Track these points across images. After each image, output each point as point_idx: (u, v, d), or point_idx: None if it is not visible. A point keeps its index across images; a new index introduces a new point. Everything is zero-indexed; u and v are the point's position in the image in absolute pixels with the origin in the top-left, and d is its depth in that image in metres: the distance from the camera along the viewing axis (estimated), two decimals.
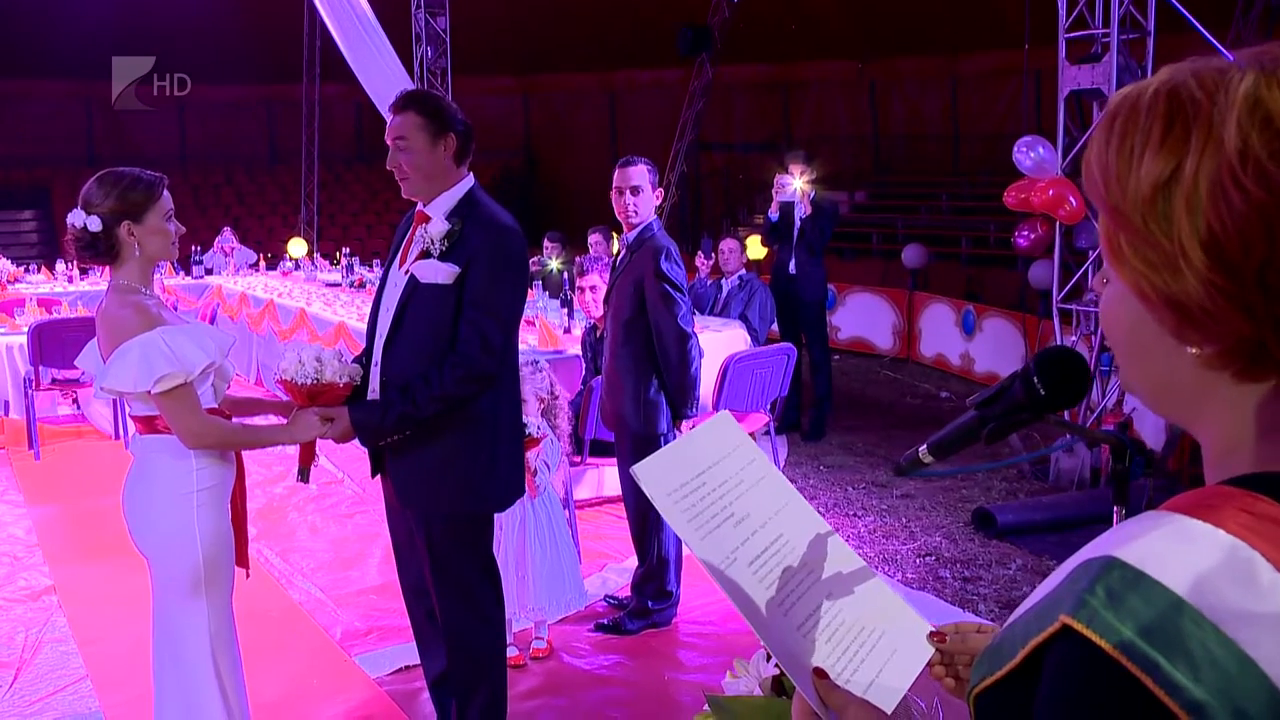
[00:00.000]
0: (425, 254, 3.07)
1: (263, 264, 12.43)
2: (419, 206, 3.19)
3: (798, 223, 7.82)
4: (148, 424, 2.84)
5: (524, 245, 3.16)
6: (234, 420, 2.98)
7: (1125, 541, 0.76)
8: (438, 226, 3.07)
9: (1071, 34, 6.66)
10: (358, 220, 19.55)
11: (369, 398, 3.13)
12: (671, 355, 4.38)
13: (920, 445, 1.33)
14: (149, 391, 2.71)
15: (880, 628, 1.36)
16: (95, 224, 2.77)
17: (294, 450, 3.09)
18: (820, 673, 1.23)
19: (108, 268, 2.91)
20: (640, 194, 4.48)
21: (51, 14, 15.98)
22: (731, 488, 1.40)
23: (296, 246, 12.91)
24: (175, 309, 3.22)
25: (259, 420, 3.17)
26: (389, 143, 3.16)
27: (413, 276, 3.07)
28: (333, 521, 6.02)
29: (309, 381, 2.91)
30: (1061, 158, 6.71)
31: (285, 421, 3.03)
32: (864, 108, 18.46)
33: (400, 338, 3.08)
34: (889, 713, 1.21)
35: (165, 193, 2.87)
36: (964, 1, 14.67)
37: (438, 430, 3.05)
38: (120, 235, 2.80)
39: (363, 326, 7.48)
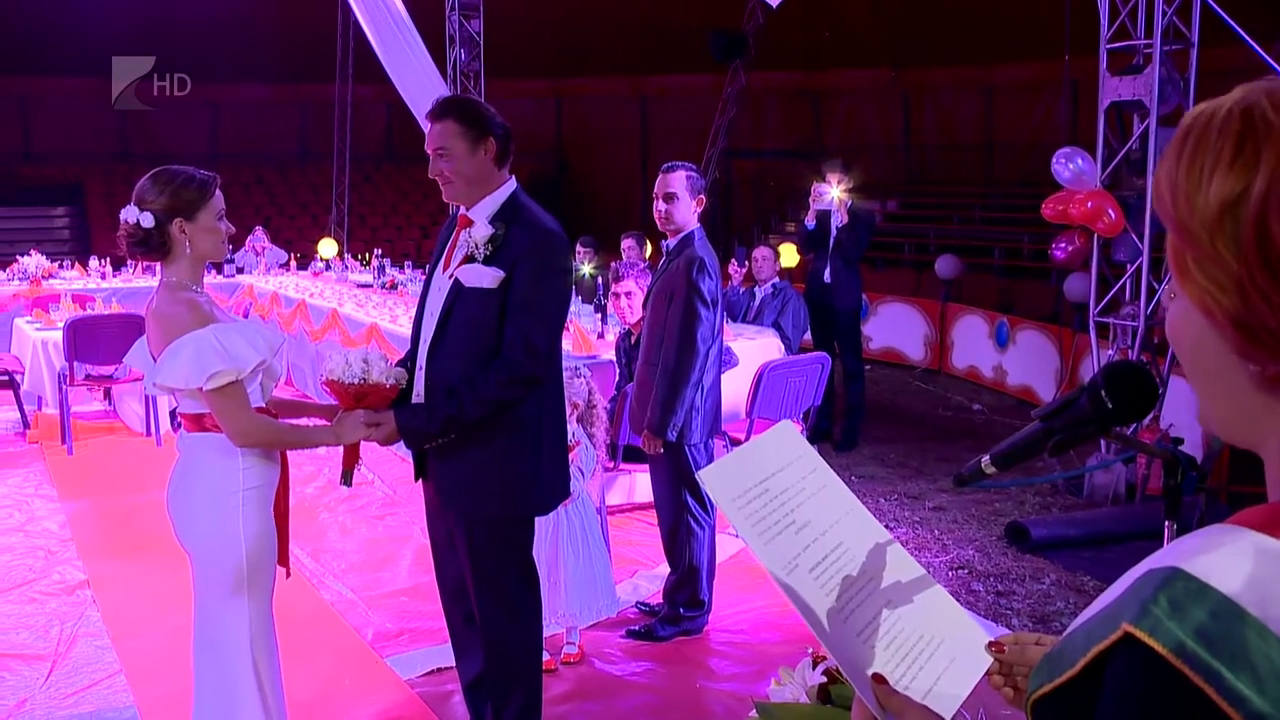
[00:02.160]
0: (469, 258, 3.09)
1: (293, 264, 12.53)
2: (462, 210, 3.22)
3: (834, 231, 7.83)
4: (196, 421, 2.88)
5: (568, 248, 3.19)
6: (281, 420, 3.01)
7: (1190, 554, 0.77)
8: (481, 231, 3.09)
9: (1113, 45, 6.64)
10: (388, 222, 19.65)
11: (413, 401, 3.16)
12: (669, 362, 4.36)
13: (983, 456, 1.35)
14: (200, 388, 2.75)
15: (939, 636, 1.38)
16: (148, 220, 2.82)
17: (326, 451, 3.13)
18: (879, 678, 1.25)
19: (157, 265, 2.96)
20: (674, 201, 4.47)
21: (84, 12, 16.18)
22: (793, 495, 1.43)
23: (327, 247, 13.01)
24: None
25: (304, 422, 3.20)
26: (429, 152, 3.18)
27: (457, 281, 3.10)
28: (364, 522, 6.06)
29: (355, 382, 2.94)
30: (1101, 170, 6.69)
31: (330, 423, 3.07)
32: (896, 116, 18.43)
33: (445, 342, 3.10)
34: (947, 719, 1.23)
35: (218, 192, 2.91)
36: (1000, 11, 14.62)
37: (482, 434, 3.08)
38: (172, 232, 2.85)
39: (395, 328, 7.61)
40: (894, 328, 11.83)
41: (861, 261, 8.33)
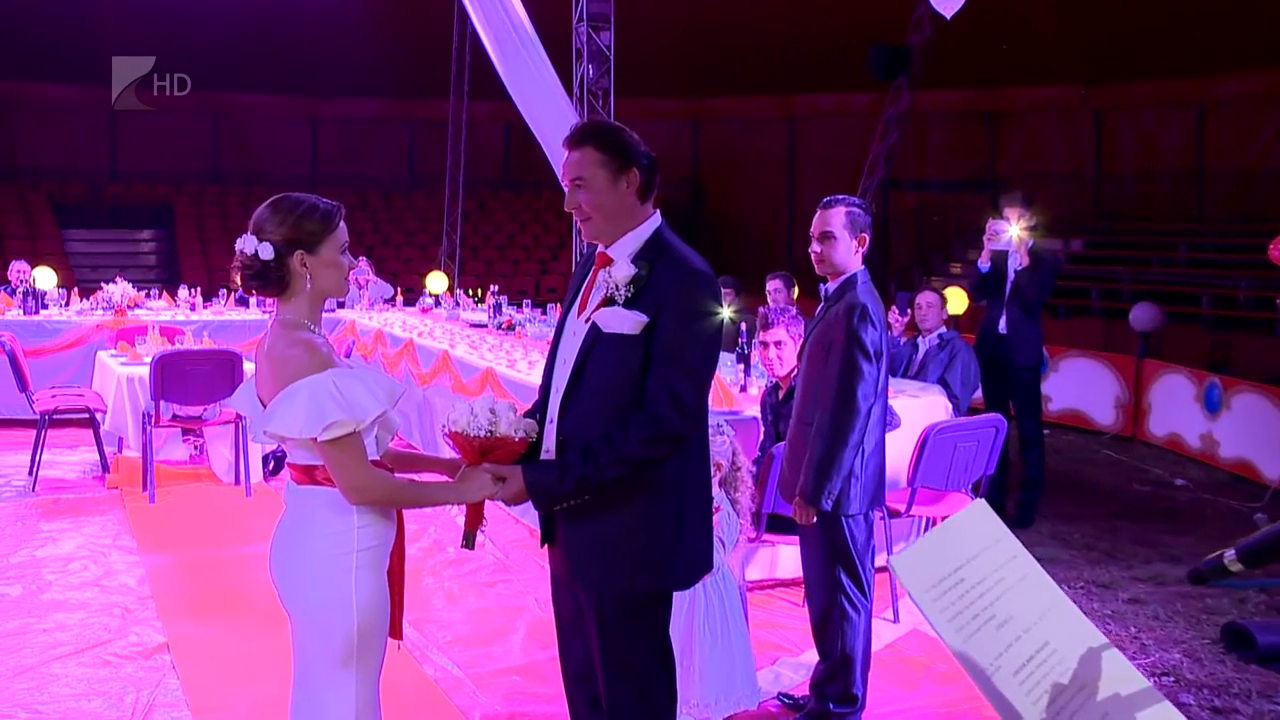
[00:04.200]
0: (609, 301, 3.13)
1: (399, 299, 12.85)
2: (600, 248, 3.27)
3: (1011, 275, 7.74)
4: (307, 474, 2.95)
5: (719, 292, 3.21)
6: (397, 475, 3.08)
7: None
8: (622, 271, 3.13)
9: None
10: (503, 255, 19.91)
11: (543, 457, 3.20)
12: (825, 421, 4.34)
13: (1226, 550, 1.32)
14: (315, 439, 2.82)
15: None
16: (267, 251, 2.91)
17: (433, 510, 3.16)
18: None
19: (266, 300, 3.07)
20: (830, 242, 4.48)
21: (180, 24, 16.90)
22: (991, 586, 1.43)
23: (436, 281, 13.32)
24: None
25: (422, 478, 3.26)
26: (564, 183, 3.25)
27: (594, 325, 3.14)
28: (472, 590, 6.14)
29: (482, 434, 3.00)
30: None
31: (452, 480, 3.13)
32: (1086, 140, 18.17)
33: (580, 392, 3.14)
34: None
35: (342, 224, 3.00)
36: (1216, 13, 14.26)
37: (619, 496, 3.10)
38: (293, 265, 2.94)
39: (513, 374, 7.75)
40: (1079, 387, 11.64)
41: (1043, 309, 8.21)
